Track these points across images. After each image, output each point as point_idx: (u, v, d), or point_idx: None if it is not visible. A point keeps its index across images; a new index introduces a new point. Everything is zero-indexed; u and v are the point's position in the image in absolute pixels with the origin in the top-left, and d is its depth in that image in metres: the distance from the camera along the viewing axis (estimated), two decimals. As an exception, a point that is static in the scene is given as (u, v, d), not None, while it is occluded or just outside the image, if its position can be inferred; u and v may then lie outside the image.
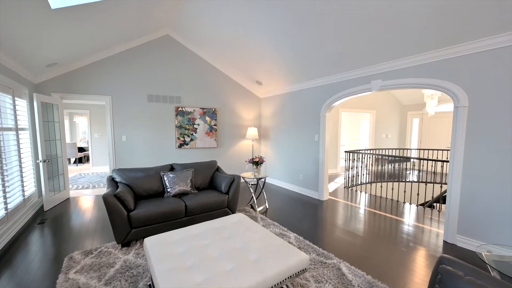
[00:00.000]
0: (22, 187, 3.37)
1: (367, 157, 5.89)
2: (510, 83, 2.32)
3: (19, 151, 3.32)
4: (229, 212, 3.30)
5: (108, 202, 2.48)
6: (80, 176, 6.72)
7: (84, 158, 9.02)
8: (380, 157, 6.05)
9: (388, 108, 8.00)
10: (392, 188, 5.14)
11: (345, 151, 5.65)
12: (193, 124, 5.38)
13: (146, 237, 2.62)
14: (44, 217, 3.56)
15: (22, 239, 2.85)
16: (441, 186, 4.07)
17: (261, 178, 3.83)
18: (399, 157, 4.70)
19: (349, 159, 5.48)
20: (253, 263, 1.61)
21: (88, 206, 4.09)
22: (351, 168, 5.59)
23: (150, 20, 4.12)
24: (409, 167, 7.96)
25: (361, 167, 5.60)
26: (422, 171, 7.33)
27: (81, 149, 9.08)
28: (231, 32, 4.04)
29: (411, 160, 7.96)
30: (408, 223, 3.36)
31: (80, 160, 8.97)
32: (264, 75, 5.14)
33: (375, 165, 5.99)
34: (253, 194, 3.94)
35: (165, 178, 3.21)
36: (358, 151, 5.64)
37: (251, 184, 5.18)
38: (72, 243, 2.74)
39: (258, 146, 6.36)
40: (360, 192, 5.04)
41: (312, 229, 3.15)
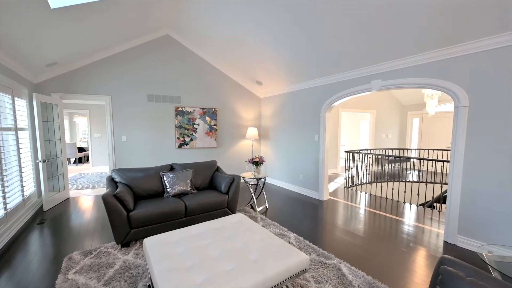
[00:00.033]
0: (22, 187, 3.37)
1: (367, 157, 5.88)
2: (510, 83, 2.32)
3: (19, 151, 3.32)
4: (229, 212, 3.29)
5: (108, 202, 2.47)
6: (79, 176, 6.72)
7: (84, 158, 9.02)
8: (380, 157, 6.04)
9: (388, 108, 7.99)
10: (392, 188, 5.13)
11: (345, 151, 5.64)
12: (193, 124, 5.38)
13: (145, 237, 2.60)
14: (43, 217, 3.56)
15: (22, 239, 2.85)
16: (441, 186, 4.07)
17: (261, 178, 3.83)
18: (399, 157, 4.70)
19: (349, 159, 5.47)
20: (253, 264, 1.60)
21: (87, 206, 4.08)
22: (351, 168, 5.58)
23: (150, 20, 4.12)
24: (409, 167, 7.95)
25: (361, 167, 5.60)
26: (422, 171, 7.32)
27: (81, 149, 9.08)
28: (231, 32, 4.04)
29: (411, 160, 7.96)
30: (408, 223, 3.36)
31: (80, 160, 8.96)
32: (264, 75, 5.13)
33: (375, 165, 5.99)
34: (253, 194, 3.93)
35: (165, 178, 3.21)
36: (358, 151, 5.63)
37: (251, 184, 5.16)
38: (71, 243, 2.73)
39: (258, 146, 6.35)
40: (360, 192, 5.04)
41: (312, 229, 3.15)
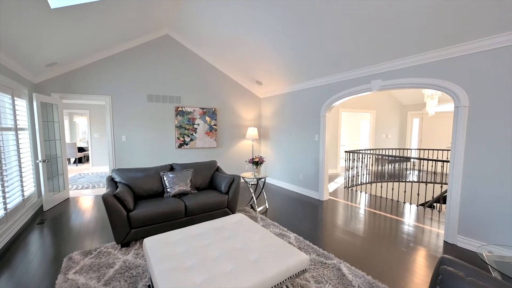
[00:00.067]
0: (22, 187, 3.37)
1: (367, 157, 5.88)
2: (510, 83, 2.32)
3: (19, 151, 3.31)
4: (229, 212, 3.29)
5: (108, 202, 2.47)
6: (79, 176, 6.72)
7: (84, 158, 9.02)
8: (380, 157, 6.04)
9: (388, 108, 7.99)
10: (392, 188, 5.13)
11: (345, 151, 5.64)
12: (193, 124, 5.38)
13: (145, 237, 2.60)
14: (43, 217, 3.56)
15: (22, 239, 2.85)
16: (441, 186, 4.07)
17: (261, 178, 3.82)
18: (399, 157, 4.70)
19: (349, 159, 5.47)
20: (253, 264, 1.60)
21: (87, 206, 4.08)
22: (351, 168, 5.58)
23: (150, 20, 4.12)
24: (409, 167, 7.95)
25: (361, 167, 5.60)
26: (422, 171, 7.32)
27: (81, 149, 9.08)
28: (231, 32, 4.04)
29: (411, 160, 7.96)
30: (408, 223, 3.36)
31: (80, 160, 8.96)
32: (264, 75, 5.13)
33: (375, 165, 5.99)
34: (253, 194, 3.93)
35: (165, 178, 3.21)
36: (358, 151, 5.63)
37: (251, 184, 5.16)
38: (71, 243, 2.73)
39: (258, 146, 6.35)
40: (360, 192, 5.04)
41: (312, 229, 3.15)
